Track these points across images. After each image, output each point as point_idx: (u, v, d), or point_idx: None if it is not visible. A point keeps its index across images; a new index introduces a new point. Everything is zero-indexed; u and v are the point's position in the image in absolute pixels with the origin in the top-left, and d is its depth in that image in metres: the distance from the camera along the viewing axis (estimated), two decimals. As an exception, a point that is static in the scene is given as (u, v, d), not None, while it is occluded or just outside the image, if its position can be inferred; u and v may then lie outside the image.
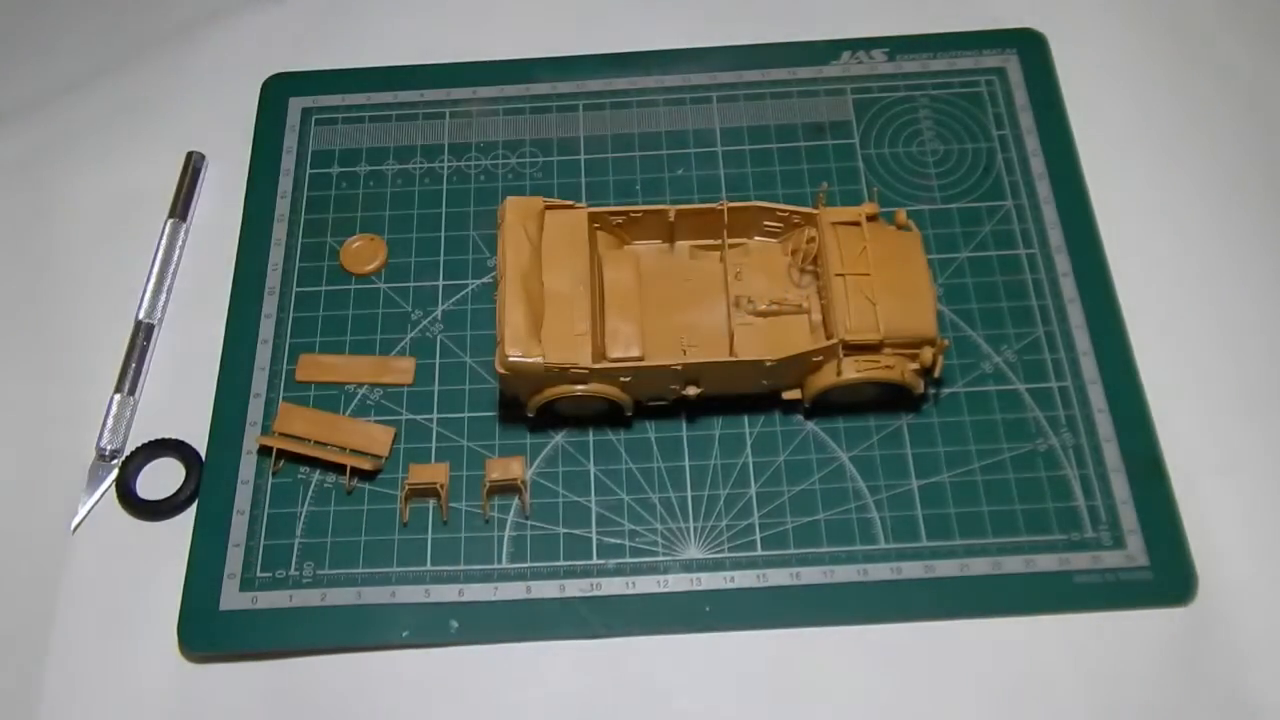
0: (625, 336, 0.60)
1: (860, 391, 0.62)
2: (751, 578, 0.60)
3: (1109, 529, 0.61)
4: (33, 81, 0.79)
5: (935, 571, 0.60)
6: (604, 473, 0.63)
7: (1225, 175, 0.72)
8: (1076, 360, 0.66)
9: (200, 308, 0.69)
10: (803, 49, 0.77)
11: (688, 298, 0.64)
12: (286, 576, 0.61)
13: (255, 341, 0.68)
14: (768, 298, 0.63)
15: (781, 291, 0.63)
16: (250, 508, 0.63)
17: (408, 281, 0.69)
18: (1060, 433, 0.64)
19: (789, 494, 0.62)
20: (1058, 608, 0.59)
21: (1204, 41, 0.77)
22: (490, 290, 0.69)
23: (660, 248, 0.65)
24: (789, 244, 0.65)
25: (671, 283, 0.64)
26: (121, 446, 0.65)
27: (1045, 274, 0.68)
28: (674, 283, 0.64)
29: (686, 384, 0.61)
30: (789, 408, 0.64)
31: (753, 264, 0.64)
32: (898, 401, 0.63)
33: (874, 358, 0.60)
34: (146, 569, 0.62)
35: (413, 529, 0.62)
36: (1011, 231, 0.70)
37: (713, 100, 0.75)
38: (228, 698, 0.59)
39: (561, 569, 0.61)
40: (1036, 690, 0.58)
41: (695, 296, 0.63)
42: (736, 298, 0.62)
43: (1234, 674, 0.58)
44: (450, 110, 0.76)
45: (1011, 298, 0.68)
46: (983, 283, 0.68)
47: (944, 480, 0.62)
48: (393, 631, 0.59)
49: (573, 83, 0.76)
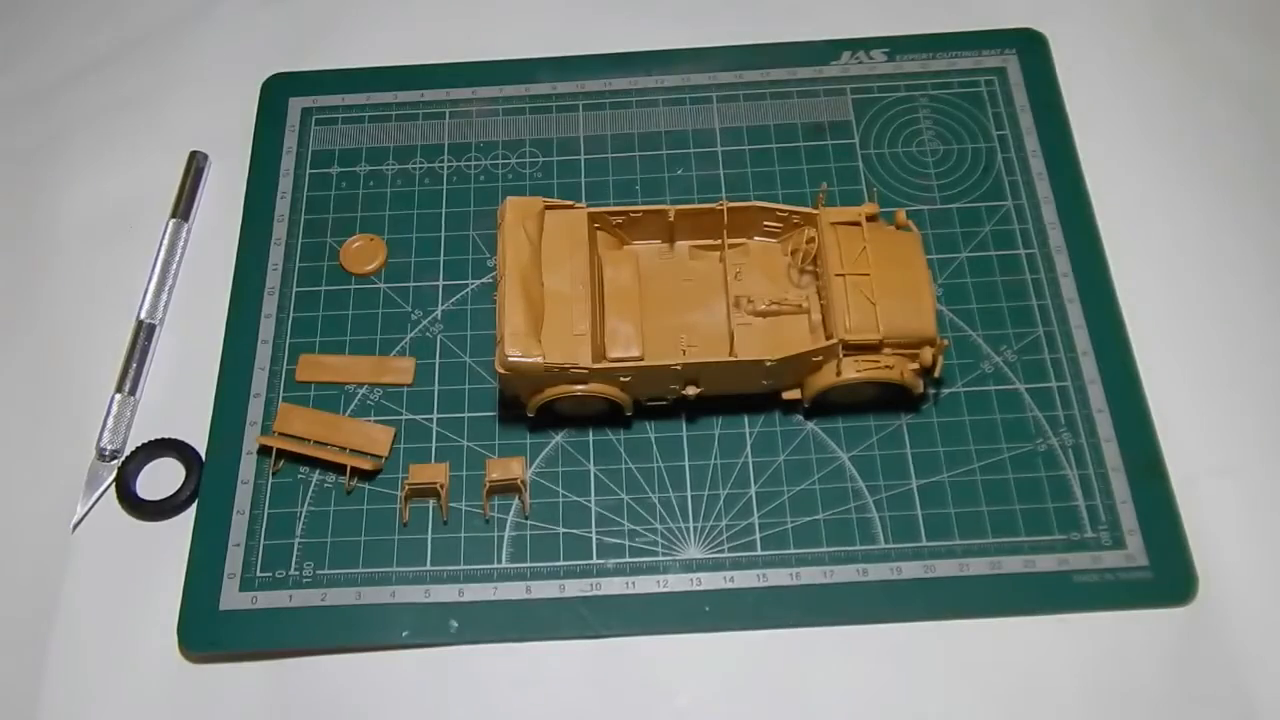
0: (625, 336, 0.60)
1: (860, 391, 0.62)
2: (751, 578, 0.60)
3: (1109, 529, 0.61)
4: (32, 81, 0.79)
5: (935, 571, 0.60)
6: (604, 473, 0.63)
7: (1225, 175, 0.72)
8: (1076, 360, 0.66)
9: (201, 308, 0.69)
10: (803, 49, 0.77)
11: (687, 298, 0.64)
12: (286, 576, 0.61)
13: (255, 341, 0.68)
14: (767, 298, 0.63)
15: (781, 291, 0.63)
16: (250, 508, 0.63)
17: (408, 281, 0.69)
18: (1060, 433, 0.64)
19: (789, 494, 0.62)
20: (1057, 608, 0.59)
21: (1203, 42, 0.77)
22: (490, 290, 0.69)
23: (660, 248, 0.65)
24: (789, 244, 0.65)
25: (671, 283, 0.64)
26: (122, 446, 0.65)
27: (1045, 274, 0.68)
28: (673, 283, 0.64)
29: (686, 384, 0.61)
30: (789, 408, 0.64)
31: (752, 264, 0.64)
32: (897, 401, 0.63)
33: (874, 358, 0.60)
34: (146, 569, 0.62)
35: (413, 529, 0.62)
36: (1011, 231, 0.70)
37: (713, 100, 0.75)
38: (228, 697, 0.59)
39: (561, 569, 0.61)
40: (1036, 690, 0.58)
41: (695, 297, 0.64)
42: (736, 298, 0.62)
43: (1234, 674, 0.58)
44: (450, 110, 0.76)
45: (1011, 298, 0.68)
46: (983, 283, 0.68)
47: (944, 480, 0.62)
48: (393, 631, 0.59)
49: (573, 83, 0.76)
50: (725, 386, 0.61)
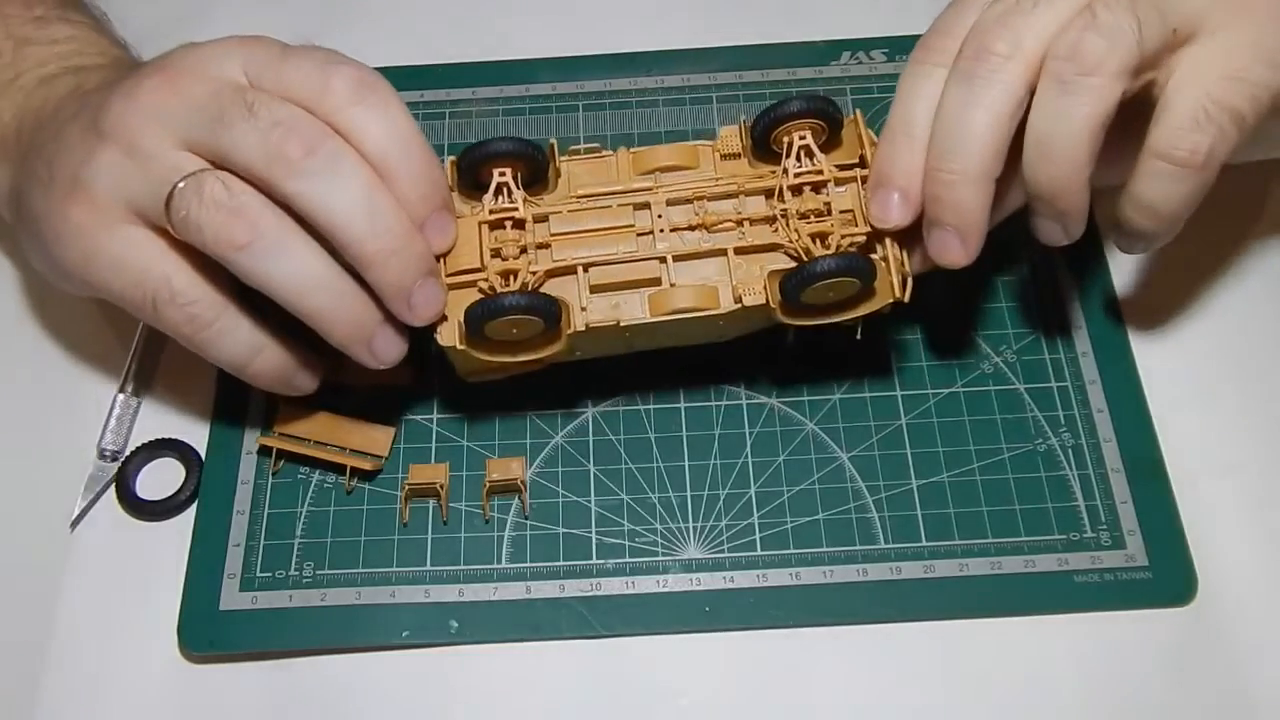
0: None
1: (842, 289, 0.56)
2: (751, 578, 0.60)
3: (1109, 529, 0.61)
4: (33, 82, 0.79)
5: (935, 571, 0.60)
6: (604, 473, 0.63)
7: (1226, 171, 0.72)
8: (1076, 360, 0.66)
9: (201, 308, 0.69)
10: (803, 49, 0.77)
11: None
12: (286, 576, 0.61)
13: (255, 341, 0.68)
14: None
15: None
16: (250, 508, 0.63)
17: (408, 281, 0.69)
18: (1060, 433, 0.64)
19: (789, 494, 0.62)
20: (1057, 608, 0.59)
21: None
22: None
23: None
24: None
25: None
26: (123, 447, 0.65)
27: (1045, 274, 0.68)
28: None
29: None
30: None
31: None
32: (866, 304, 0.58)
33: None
34: (146, 569, 0.62)
35: (413, 529, 0.62)
36: (1011, 231, 0.69)
37: (713, 100, 0.75)
38: (228, 698, 0.59)
39: (561, 569, 0.61)
40: (1036, 690, 0.58)
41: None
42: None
43: (1234, 674, 0.58)
44: (450, 110, 0.76)
45: (1011, 298, 0.68)
46: (983, 283, 0.68)
47: (944, 480, 0.62)
48: (393, 631, 0.59)
49: (573, 83, 0.76)
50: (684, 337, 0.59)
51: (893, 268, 0.56)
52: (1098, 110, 0.50)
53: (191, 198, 0.52)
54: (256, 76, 0.55)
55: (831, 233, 0.56)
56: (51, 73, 0.61)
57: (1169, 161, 0.51)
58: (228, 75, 0.55)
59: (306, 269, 0.53)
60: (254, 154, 0.52)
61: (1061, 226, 0.55)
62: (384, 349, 0.57)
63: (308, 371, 0.60)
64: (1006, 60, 0.51)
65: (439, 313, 0.56)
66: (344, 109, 0.54)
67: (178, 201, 0.52)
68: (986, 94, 0.51)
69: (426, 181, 0.55)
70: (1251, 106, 0.51)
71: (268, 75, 0.55)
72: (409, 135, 0.55)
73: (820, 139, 0.59)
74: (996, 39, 0.51)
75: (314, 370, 0.61)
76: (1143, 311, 0.67)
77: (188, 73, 0.55)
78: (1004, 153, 0.52)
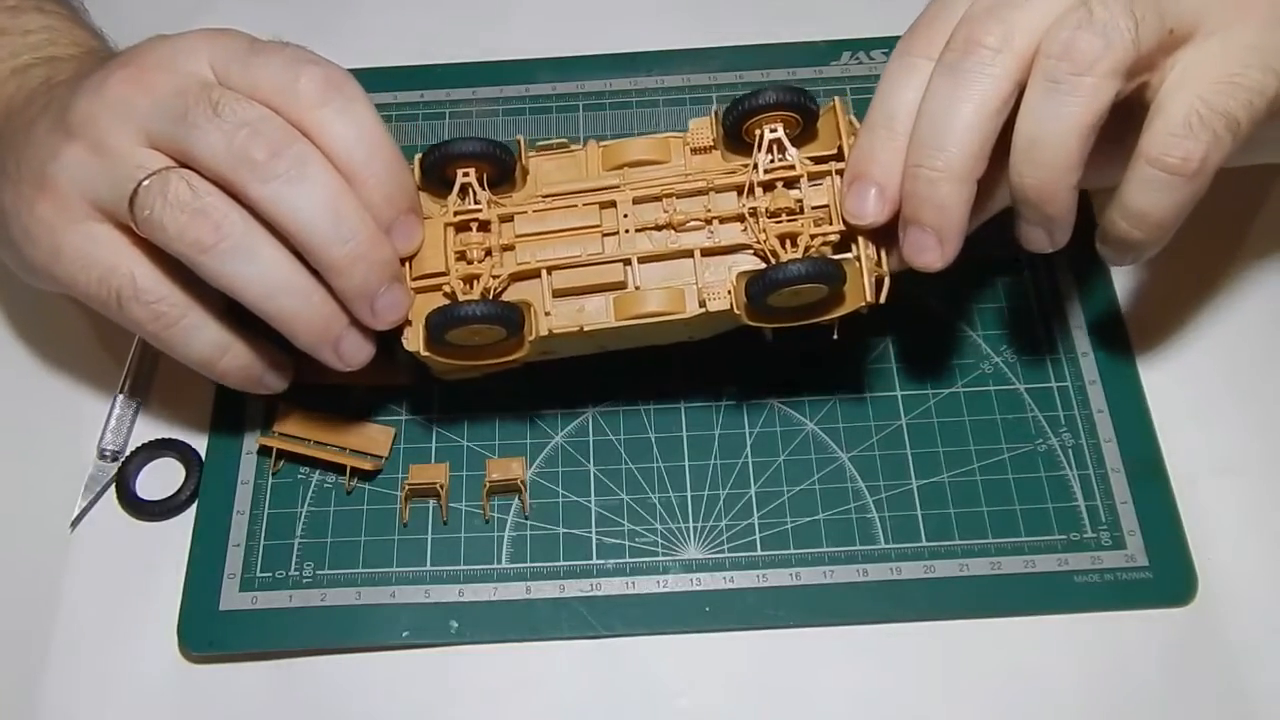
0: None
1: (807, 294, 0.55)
2: (751, 578, 0.60)
3: (1109, 529, 0.61)
4: (33, 81, 0.79)
5: (935, 572, 0.60)
6: (604, 473, 0.63)
7: (1225, 170, 0.72)
8: (1076, 360, 0.66)
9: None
10: (803, 49, 0.77)
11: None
12: (286, 576, 0.61)
13: (255, 341, 0.68)
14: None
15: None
16: (250, 508, 0.63)
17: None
18: (1060, 433, 0.64)
19: (789, 494, 0.62)
20: (1058, 608, 0.59)
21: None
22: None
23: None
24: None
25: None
26: (123, 447, 0.65)
27: (1045, 274, 0.68)
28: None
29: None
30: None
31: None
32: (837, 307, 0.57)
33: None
34: (146, 569, 0.62)
35: (413, 529, 0.62)
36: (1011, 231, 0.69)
37: (713, 100, 0.75)
38: (228, 698, 0.59)
39: (561, 569, 0.61)
40: (1036, 690, 0.58)
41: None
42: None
43: (1234, 674, 0.58)
44: (450, 110, 0.76)
45: (1011, 298, 0.68)
46: (983, 283, 0.68)
47: (944, 480, 0.62)
48: (393, 632, 0.59)
49: (573, 83, 0.76)
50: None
51: (865, 269, 0.54)
52: (1089, 111, 0.48)
53: (156, 197, 0.51)
54: (224, 72, 0.54)
55: (801, 233, 0.55)
56: (24, 63, 0.61)
57: (1160, 168, 0.49)
58: (195, 71, 0.54)
59: (271, 272, 0.53)
60: (219, 155, 0.51)
61: (1047, 233, 0.53)
62: (350, 352, 0.56)
63: (276, 371, 0.60)
64: (996, 54, 0.49)
65: (403, 317, 0.56)
66: (311, 110, 0.53)
67: (142, 199, 0.52)
68: (973, 88, 0.49)
69: (393, 184, 0.55)
70: (1247, 112, 0.49)
71: (235, 71, 0.54)
72: (376, 137, 0.54)
73: (794, 131, 0.57)
74: (986, 31, 0.49)
75: (283, 370, 0.60)
76: (1143, 311, 0.67)
77: (154, 68, 0.54)
78: (989, 151, 0.51)
